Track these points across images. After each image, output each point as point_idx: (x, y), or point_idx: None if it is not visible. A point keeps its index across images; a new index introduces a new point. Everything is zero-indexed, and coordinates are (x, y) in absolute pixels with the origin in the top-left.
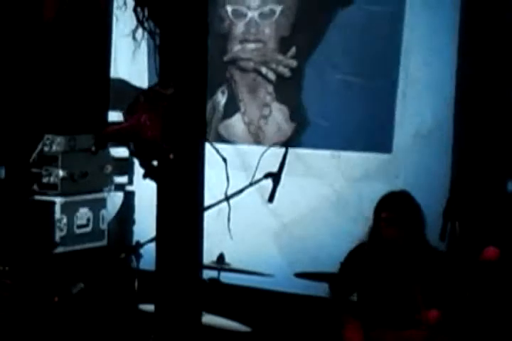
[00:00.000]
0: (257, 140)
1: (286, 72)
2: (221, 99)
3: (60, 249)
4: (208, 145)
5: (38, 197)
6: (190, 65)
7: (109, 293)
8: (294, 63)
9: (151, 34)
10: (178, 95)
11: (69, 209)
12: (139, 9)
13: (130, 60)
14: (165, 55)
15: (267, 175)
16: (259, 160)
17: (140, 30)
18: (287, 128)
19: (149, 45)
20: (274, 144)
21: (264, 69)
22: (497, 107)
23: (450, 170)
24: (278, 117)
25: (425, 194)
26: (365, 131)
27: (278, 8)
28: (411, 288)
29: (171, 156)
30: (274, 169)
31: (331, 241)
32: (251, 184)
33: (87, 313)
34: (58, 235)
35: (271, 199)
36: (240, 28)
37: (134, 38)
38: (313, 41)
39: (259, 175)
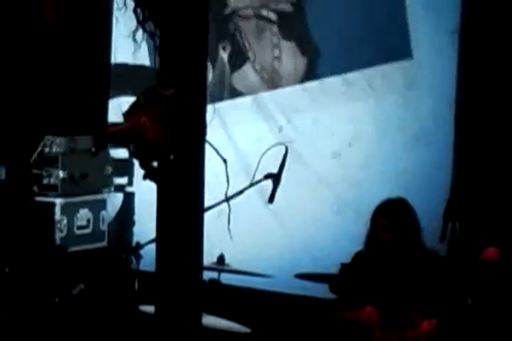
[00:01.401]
0: (273, 84)
1: (288, 8)
2: (224, 54)
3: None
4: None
5: (38, 199)
6: (190, 66)
7: (109, 294)
8: None
9: (151, 35)
10: (178, 96)
11: (69, 211)
12: (139, 10)
13: (130, 60)
14: (165, 56)
15: (267, 176)
16: (260, 161)
17: (140, 31)
18: (301, 63)
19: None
20: (276, 144)
21: (264, 12)
22: (498, 108)
23: (451, 171)
24: (289, 55)
25: (426, 195)
26: (380, 42)
27: None
28: (408, 291)
29: (171, 157)
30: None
31: (331, 242)
32: (251, 185)
33: (87, 314)
34: (58, 236)
35: (271, 200)
36: None
37: (134, 39)
38: None
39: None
